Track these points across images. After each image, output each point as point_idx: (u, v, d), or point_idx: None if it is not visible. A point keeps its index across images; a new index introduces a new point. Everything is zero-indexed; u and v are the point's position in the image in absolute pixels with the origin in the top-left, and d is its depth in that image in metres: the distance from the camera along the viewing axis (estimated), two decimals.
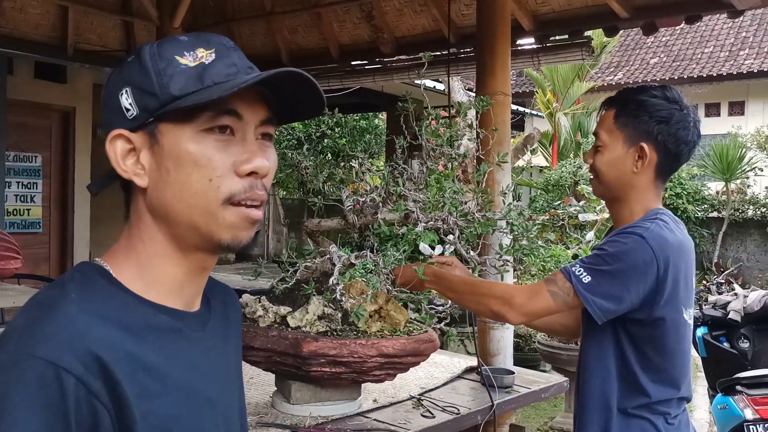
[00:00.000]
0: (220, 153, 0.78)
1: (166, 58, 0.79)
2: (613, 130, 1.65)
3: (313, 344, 1.70)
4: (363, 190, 2.02)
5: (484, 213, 1.89)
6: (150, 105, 0.78)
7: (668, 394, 1.62)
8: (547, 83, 11.84)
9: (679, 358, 1.63)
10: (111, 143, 0.80)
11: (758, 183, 11.86)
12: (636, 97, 1.65)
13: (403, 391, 2.16)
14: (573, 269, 1.59)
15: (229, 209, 0.80)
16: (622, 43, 16.08)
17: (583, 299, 1.55)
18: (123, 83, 0.80)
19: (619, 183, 1.66)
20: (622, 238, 1.57)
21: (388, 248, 1.93)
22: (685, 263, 1.60)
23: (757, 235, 11.77)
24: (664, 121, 1.61)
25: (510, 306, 1.66)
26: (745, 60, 13.99)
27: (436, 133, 1.93)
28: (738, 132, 12.21)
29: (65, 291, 0.76)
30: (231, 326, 0.96)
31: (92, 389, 0.70)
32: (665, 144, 1.62)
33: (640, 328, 1.59)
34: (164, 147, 0.78)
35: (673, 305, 1.57)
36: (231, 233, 0.81)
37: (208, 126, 0.78)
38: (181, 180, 0.78)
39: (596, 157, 1.68)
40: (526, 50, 3.66)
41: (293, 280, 1.82)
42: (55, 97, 6.58)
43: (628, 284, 1.53)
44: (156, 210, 0.81)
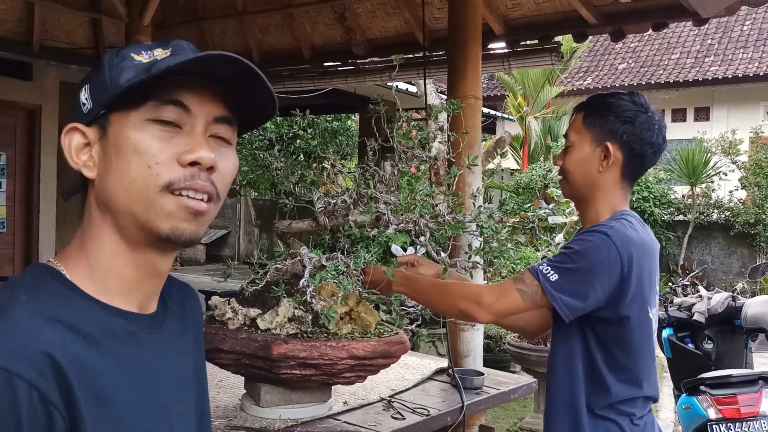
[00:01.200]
0: (162, 142, 0.79)
1: (123, 56, 0.81)
2: (581, 130, 1.72)
3: (283, 346, 1.69)
4: (334, 191, 2.01)
5: (454, 215, 1.90)
6: (101, 98, 0.80)
7: (632, 393, 1.64)
8: (518, 87, 11.96)
9: (643, 357, 1.66)
10: (65, 136, 0.82)
11: (722, 187, 12.13)
12: (604, 100, 1.72)
13: (373, 393, 2.16)
14: (540, 267, 1.62)
15: (168, 197, 0.79)
16: (591, 48, 16.30)
17: (550, 297, 1.58)
18: (85, 82, 0.84)
19: (585, 182, 1.71)
20: (588, 237, 1.61)
21: (359, 250, 1.93)
22: (648, 263, 1.64)
23: (721, 238, 12.04)
24: (629, 122, 1.67)
25: (478, 305, 1.67)
26: (710, 67, 14.29)
27: (408, 135, 1.94)
28: (703, 137, 12.46)
29: (15, 294, 0.75)
30: (189, 328, 0.94)
31: (46, 395, 0.69)
32: (630, 144, 1.67)
33: (606, 326, 1.62)
34: (109, 137, 0.80)
35: (637, 304, 1.61)
36: (170, 223, 0.79)
37: (152, 116, 0.78)
38: (121, 167, 0.78)
39: (565, 157, 1.74)
40: (497, 54, 3.69)
41: (263, 281, 1.81)
42: (20, 95, 6.43)
43: (593, 281, 1.56)
44: (101, 201, 0.81)
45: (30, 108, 6.60)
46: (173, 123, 0.79)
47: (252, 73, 0.81)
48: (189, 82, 0.80)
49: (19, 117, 6.61)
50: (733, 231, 11.69)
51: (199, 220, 0.81)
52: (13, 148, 6.56)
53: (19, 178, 6.61)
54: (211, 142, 0.82)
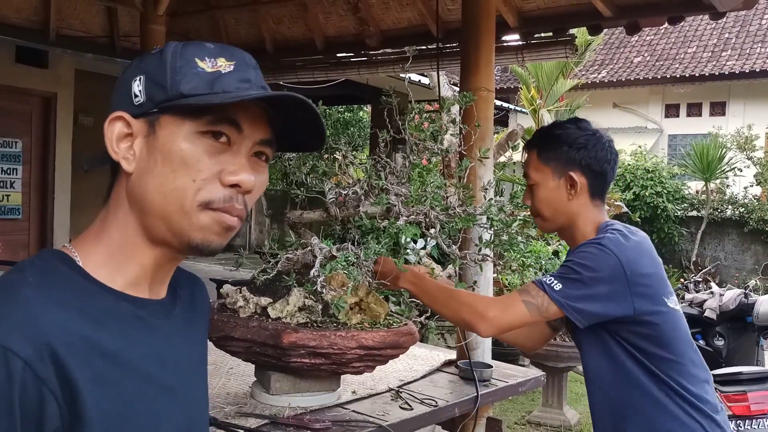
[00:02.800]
0: (210, 158, 0.80)
1: (186, 58, 0.81)
2: (540, 167, 1.78)
3: (293, 335, 1.70)
4: (345, 183, 2.02)
5: (465, 208, 1.90)
6: (157, 96, 0.80)
7: (691, 382, 1.64)
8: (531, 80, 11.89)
9: (679, 345, 1.66)
10: (110, 123, 0.82)
11: (737, 183, 12.03)
12: (553, 133, 1.79)
13: (382, 383, 2.18)
14: (544, 279, 1.67)
15: (205, 212, 0.80)
16: (606, 41, 16.18)
17: (558, 305, 1.62)
18: (139, 71, 0.82)
19: (560, 214, 1.77)
20: (584, 249, 1.67)
21: (369, 241, 1.94)
22: (649, 259, 1.68)
23: (735, 234, 11.95)
24: (583, 147, 1.74)
25: (482, 318, 1.70)
26: (727, 61, 14.15)
27: (419, 127, 1.94)
28: (719, 132, 12.35)
29: (23, 275, 0.76)
30: (197, 317, 0.96)
31: (40, 374, 0.69)
32: (590, 167, 1.75)
33: (635, 332, 1.64)
34: (159, 139, 0.80)
35: (652, 299, 1.63)
36: (202, 235, 0.81)
37: (206, 129, 0.79)
38: (165, 173, 0.79)
39: (532, 196, 1.81)
40: (510, 47, 3.67)
41: (274, 271, 1.83)
42: (36, 83, 6.49)
43: (598, 287, 1.61)
44: (134, 197, 0.82)
45: (45, 96, 6.66)
46: (224, 138, 0.80)
47: (312, 115, 0.84)
48: (245, 102, 0.81)
49: (35, 104, 6.68)
50: (747, 227, 11.59)
51: (228, 234, 0.83)
52: (29, 135, 6.63)
53: (35, 165, 6.68)
54: (252, 161, 0.84)
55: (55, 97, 6.68)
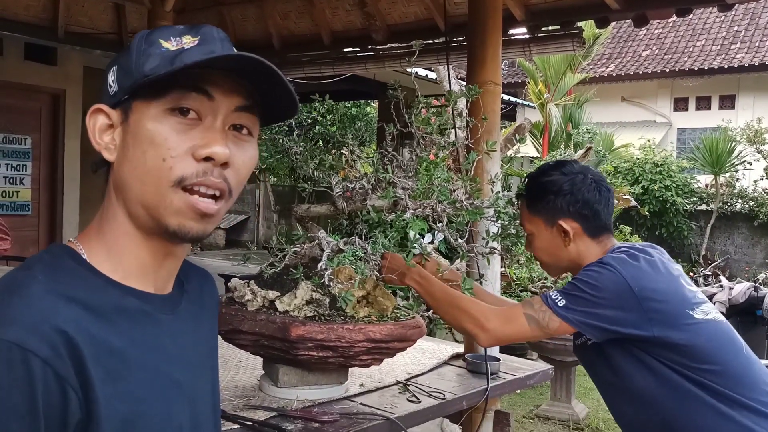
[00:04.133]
0: (178, 135, 0.79)
1: (151, 41, 0.81)
2: (531, 218, 1.79)
3: (300, 328, 1.71)
4: (353, 176, 2.03)
5: (472, 201, 1.90)
6: (125, 82, 0.81)
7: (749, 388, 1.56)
8: (539, 74, 11.85)
9: (721, 354, 1.57)
10: (90, 116, 0.83)
11: (747, 177, 11.95)
12: (538, 181, 1.79)
13: (389, 377, 2.18)
14: (549, 294, 1.66)
15: (178, 193, 0.79)
16: (614, 35, 16.10)
17: (565, 320, 1.60)
18: (114, 63, 0.84)
19: (562, 259, 1.78)
20: (588, 269, 1.65)
21: (376, 235, 1.95)
22: (661, 276, 1.61)
23: (744, 228, 11.88)
24: (567, 193, 1.73)
25: (482, 329, 1.71)
26: (736, 54, 14.05)
27: (426, 121, 1.94)
28: (728, 125, 12.28)
29: (32, 272, 0.76)
30: (205, 311, 0.96)
31: (60, 372, 0.69)
32: (579, 212, 1.73)
33: (666, 350, 1.57)
34: (130, 124, 0.81)
35: (672, 316, 1.57)
36: (177, 220, 0.80)
37: (171, 106, 0.79)
38: (137, 157, 0.79)
39: (531, 247, 1.83)
40: (517, 40, 3.66)
41: (282, 264, 1.83)
42: (45, 80, 6.52)
43: (604, 305, 1.58)
44: (117, 186, 0.83)
45: (54, 93, 6.69)
46: (193, 114, 0.79)
47: (273, 75, 0.81)
48: (213, 74, 0.80)
49: (44, 101, 6.71)
50: (757, 221, 11.53)
51: (207, 220, 0.81)
52: (38, 132, 6.67)
53: (44, 162, 6.72)
54: (231, 135, 0.82)
55: (64, 94, 6.71)
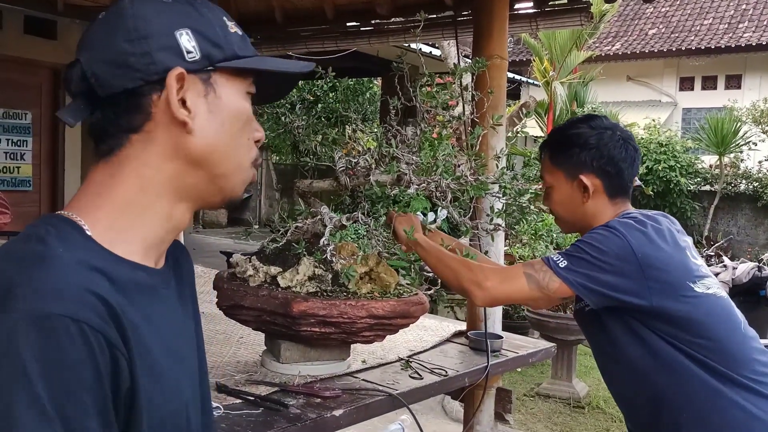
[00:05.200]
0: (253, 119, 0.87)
1: (216, 13, 0.82)
2: (552, 170, 1.74)
3: (303, 304, 1.69)
4: (356, 151, 2.00)
5: (477, 176, 1.87)
6: (214, 55, 0.80)
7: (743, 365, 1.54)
8: (544, 52, 11.72)
9: (718, 330, 1.55)
10: (176, 80, 0.77)
11: (751, 157, 11.89)
12: (564, 133, 1.74)
13: (391, 353, 2.17)
14: (551, 256, 1.63)
15: (250, 168, 0.87)
16: (620, 12, 15.92)
17: (565, 281, 1.56)
18: (179, 24, 0.78)
19: (577, 216, 1.73)
20: (594, 232, 1.62)
21: (379, 210, 1.92)
22: (667, 244, 1.57)
23: (748, 209, 11.84)
24: (593, 148, 1.67)
25: (479, 286, 1.68)
26: (744, 33, 13.89)
27: (431, 95, 1.90)
28: (734, 105, 12.18)
29: (48, 244, 0.72)
30: (186, 286, 0.93)
31: (111, 339, 0.69)
32: (603, 168, 1.68)
33: (663, 321, 1.55)
34: (222, 98, 0.81)
35: (673, 286, 1.54)
36: (242, 189, 0.88)
37: (249, 89, 0.84)
38: (233, 132, 0.83)
39: (548, 200, 1.78)
40: (524, 14, 3.59)
41: (284, 240, 1.81)
42: (45, 54, 6.46)
43: (607, 270, 1.54)
44: (194, 156, 0.80)
45: (54, 67, 6.63)
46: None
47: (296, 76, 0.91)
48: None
49: (44, 76, 6.65)
50: (760, 202, 11.49)
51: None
52: (39, 107, 6.63)
53: (45, 138, 6.68)
54: None
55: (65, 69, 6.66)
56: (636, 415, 1.69)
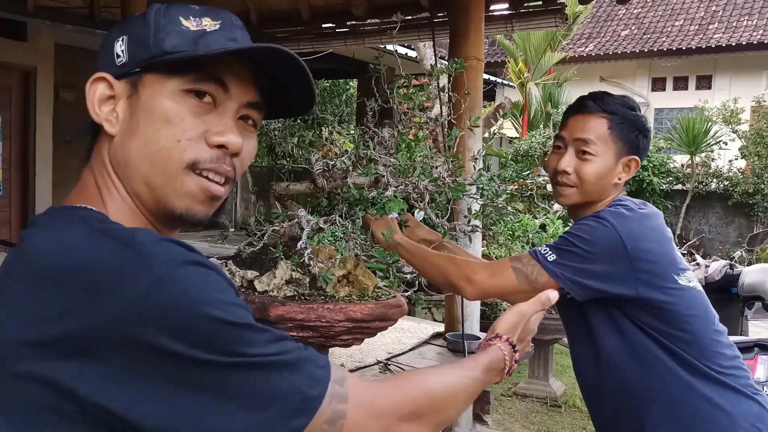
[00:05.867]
0: (194, 117, 0.77)
1: (170, 16, 0.79)
2: (607, 140, 1.65)
3: (280, 308, 1.68)
4: (333, 153, 1.98)
5: (454, 178, 1.87)
6: (140, 55, 0.77)
7: (717, 361, 1.57)
8: (519, 53, 11.82)
9: (697, 324, 1.58)
10: (92, 84, 0.79)
11: (722, 156, 12.10)
12: (625, 110, 1.68)
13: (370, 356, 2.17)
14: (539, 249, 1.62)
15: (190, 176, 0.78)
16: (594, 14, 16.10)
17: (552, 275, 1.56)
18: (122, 32, 0.80)
19: (601, 192, 1.68)
20: (583, 222, 1.61)
21: (357, 212, 1.92)
22: (655, 234, 1.60)
23: (719, 207, 12.05)
24: (645, 134, 1.70)
25: (468, 281, 1.67)
26: (714, 34, 14.14)
27: (408, 96, 1.90)
28: (704, 106, 12.38)
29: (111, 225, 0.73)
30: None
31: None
32: (642, 156, 1.70)
33: (645, 312, 1.57)
34: (141, 98, 0.77)
35: (659, 277, 1.56)
36: (185, 203, 0.79)
37: (190, 87, 0.77)
38: (149, 134, 0.77)
39: (582, 165, 1.65)
40: (499, 16, 3.62)
41: (260, 244, 1.79)
42: (15, 56, 6.34)
43: (595, 261, 1.54)
44: (118, 161, 0.79)
45: (25, 70, 6.52)
46: (208, 98, 0.78)
47: (297, 68, 0.81)
48: (232, 62, 0.79)
49: (15, 78, 6.54)
50: (731, 201, 11.69)
51: (213, 204, 0.81)
52: (9, 110, 6.50)
53: (15, 141, 6.56)
54: (239, 124, 0.82)
55: (35, 71, 6.54)
56: (602, 406, 1.71)
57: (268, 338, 0.73)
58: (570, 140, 1.67)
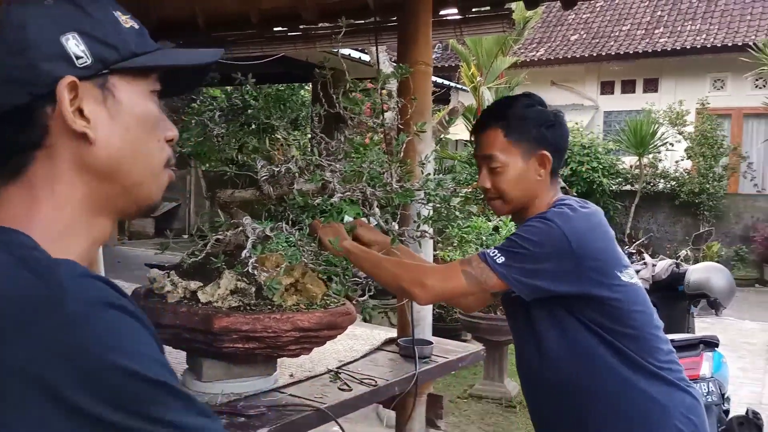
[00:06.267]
0: (161, 116, 0.81)
1: (108, 11, 0.76)
2: (507, 147, 1.70)
3: (224, 320, 1.63)
4: (279, 159, 1.95)
5: (402, 184, 1.86)
6: (108, 57, 0.74)
7: (657, 356, 1.64)
8: (471, 58, 11.92)
9: (640, 319, 1.64)
10: (68, 90, 0.72)
11: (669, 157, 12.43)
12: (517, 111, 1.72)
13: (320, 365, 2.13)
14: (488, 252, 1.63)
15: (165, 171, 0.82)
16: (544, 19, 16.36)
17: (501, 277, 1.58)
18: (64, 28, 0.73)
19: (526, 195, 1.72)
20: (530, 223, 1.63)
21: (304, 220, 1.88)
22: (599, 232, 1.64)
23: (666, 207, 12.39)
24: (551, 125, 1.71)
25: (420, 286, 1.67)
26: (660, 38, 14.51)
27: (355, 101, 1.88)
28: (651, 108, 12.70)
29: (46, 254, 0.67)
30: None
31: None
32: (557, 145, 1.72)
33: (594, 308, 1.60)
34: (123, 102, 0.76)
35: (604, 275, 1.60)
36: (160, 195, 0.82)
37: (153, 88, 0.79)
38: (140, 137, 0.78)
39: (496, 179, 1.72)
40: (448, 21, 3.62)
41: (203, 253, 1.75)
42: None
43: (545, 262, 1.57)
44: (100, 167, 0.75)
45: None
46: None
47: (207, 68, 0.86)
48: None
49: None
50: (678, 200, 12.04)
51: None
52: None
53: None
54: None
55: None
56: (542, 403, 1.75)
57: (189, 407, 0.66)
58: (480, 159, 1.76)
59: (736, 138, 13.17)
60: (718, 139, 12.08)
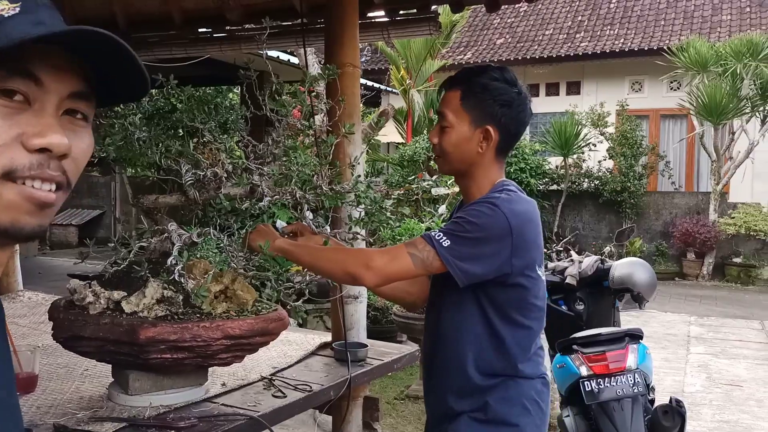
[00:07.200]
0: (4, 120, 0.66)
1: None
2: (459, 111, 1.71)
3: (150, 330, 1.57)
4: (205, 163, 1.89)
5: (332, 186, 1.84)
6: None
7: (531, 350, 1.73)
8: (401, 60, 12.01)
9: (537, 312, 1.73)
10: None
11: (592, 157, 12.88)
12: (480, 80, 1.71)
13: (253, 373, 2.09)
14: (433, 234, 1.63)
15: (8, 185, 0.67)
16: (471, 23, 16.67)
17: (444, 261, 1.59)
18: None
19: (464, 161, 1.73)
20: (477, 207, 1.64)
21: (232, 224, 1.84)
22: (534, 226, 1.70)
23: (591, 205, 12.83)
24: (507, 105, 1.70)
25: (367, 268, 1.64)
26: (581, 42, 15.02)
27: (281, 104, 1.85)
28: (575, 110, 13.12)
29: None
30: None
31: None
32: (507, 126, 1.71)
33: (502, 291, 1.66)
34: None
35: (528, 265, 1.66)
36: (10, 216, 0.68)
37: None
38: None
39: (442, 137, 1.73)
40: (376, 23, 3.64)
41: (126, 261, 1.68)
42: None
43: (486, 248, 1.60)
44: None
45: None
46: (20, 96, 0.67)
47: (120, 51, 0.70)
48: (43, 50, 0.67)
49: None
50: (601, 199, 12.48)
51: (45, 213, 0.70)
52: None
53: None
54: (65, 121, 0.71)
55: None
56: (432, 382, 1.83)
57: None
58: (438, 114, 1.77)
59: (654, 138, 13.78)
60: (638, 140, 12.60)
